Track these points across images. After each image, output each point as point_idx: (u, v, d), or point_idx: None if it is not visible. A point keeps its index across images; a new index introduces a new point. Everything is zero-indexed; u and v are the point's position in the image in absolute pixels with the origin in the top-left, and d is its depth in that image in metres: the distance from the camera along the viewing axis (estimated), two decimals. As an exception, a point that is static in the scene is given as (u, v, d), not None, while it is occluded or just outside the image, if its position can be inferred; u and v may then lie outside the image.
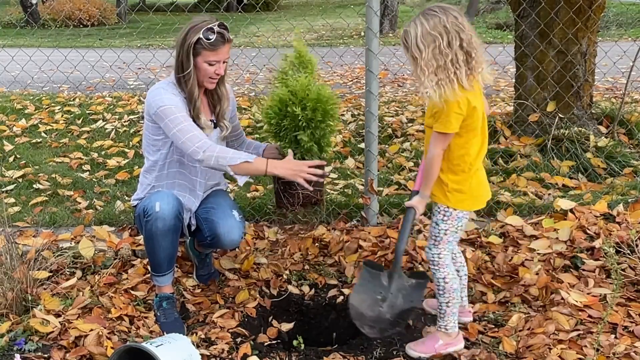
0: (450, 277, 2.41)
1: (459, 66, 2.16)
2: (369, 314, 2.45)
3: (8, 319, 2.61)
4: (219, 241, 2.72)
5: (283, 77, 2.62)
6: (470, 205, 2.41)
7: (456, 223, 2.39)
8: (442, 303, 2.44)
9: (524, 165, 4.15)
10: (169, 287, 2.73)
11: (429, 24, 2.14)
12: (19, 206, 3.84)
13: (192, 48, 2.56)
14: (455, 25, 2.14)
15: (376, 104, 3.34)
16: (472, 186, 2.36)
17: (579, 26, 4.27)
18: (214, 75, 2.62)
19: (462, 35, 2.15)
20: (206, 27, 2.54)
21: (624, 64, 5.76)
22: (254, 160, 2.46)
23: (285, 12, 19.80)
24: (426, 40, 2.15)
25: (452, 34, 2.14)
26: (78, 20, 15.22)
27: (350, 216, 3.56)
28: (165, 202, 2.53)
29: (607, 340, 2.38)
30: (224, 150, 2.51)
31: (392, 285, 2.46)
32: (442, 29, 2.13)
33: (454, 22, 2.15)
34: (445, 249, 2.41)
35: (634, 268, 2.85)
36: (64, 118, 5.67)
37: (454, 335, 2.46)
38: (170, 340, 2.32)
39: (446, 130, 2.22)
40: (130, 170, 4.42)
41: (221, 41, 2.57)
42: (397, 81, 7.61)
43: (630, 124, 4.64)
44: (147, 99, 2.64)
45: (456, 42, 2.14)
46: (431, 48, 2.14)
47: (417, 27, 2.17)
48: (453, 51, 2.14)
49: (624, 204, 3.45)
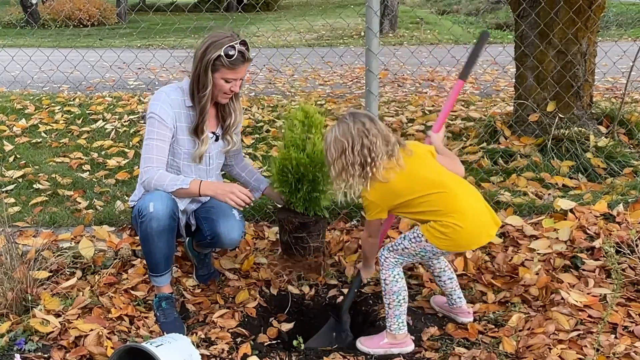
0: (390, 280, 2.45)
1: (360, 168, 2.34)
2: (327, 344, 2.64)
3: (8, 319, 2.61)
4: (219, 240, 2.72)
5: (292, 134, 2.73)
6: (444, 245, 2.37)
7: (419, 251, 2.41)
8: (385, 304, 2.50)
9: (524, 165, 4.15)
10: (167, 287, 2.73)
11: (339, 130, 2.37)
12: (19, 206, 3.84)
13: (212, 64, 2.56)
14: (362, 132, 2.33)
15: (376, 104, 3.34)
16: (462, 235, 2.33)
17: (578, 26, 4.26)
18: (229, 91, 2.63)
19: (365, 141, 2.33)
20: (228, 45, 2.53)
21: (624, 64, 5.76)
22: (189, 185, 2.54)
23: (285, 12, 19.80)
24: (337, 145, 2.36)
25: (355, 140, 2.33)
26: (78, 20, 15.22)
27: (350, 216, 3.56)
28: (160, 203, 2.53)
29: (607, 340, 2.38)
30: (162, 177, 2.57)
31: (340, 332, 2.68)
32: (349, 135, 2.34)
33: (361, 128, 2.34)
34: (394, 258, 2.46)
35: (634, 268, 2.85)
36: (64, 118, 5.67)
37: (400, 337, 2.48)
38: (170, 340, 2.32)
39: (368, 217, 2.46)
40: (130, 170, 4.42)
41: (241, 60, 2.57)
42: (397, 81, 7.61)
43: (630, 124, 4.64)
44: (150, 100, 2.67)
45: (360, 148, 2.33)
46: (339, 152, 2.35)
47: (330, 133, 2.40)
48: (357, 155, 2.33)
49: (624, 204, 3.45)
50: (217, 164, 2.86)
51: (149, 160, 2.59)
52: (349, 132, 2.34)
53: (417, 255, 2.44)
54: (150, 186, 2.58)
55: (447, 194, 2.34)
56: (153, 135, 2.60)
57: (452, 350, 2.45)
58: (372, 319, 2.77)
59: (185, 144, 2.68)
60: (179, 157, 2.70)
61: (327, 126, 2.78)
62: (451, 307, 2.67)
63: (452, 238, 2.33)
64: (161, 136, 2.60)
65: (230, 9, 18.10)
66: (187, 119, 2.67)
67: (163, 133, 2.61)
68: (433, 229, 2.35)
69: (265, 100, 6.27)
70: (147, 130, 2.62)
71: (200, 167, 2.77)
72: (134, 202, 2.78)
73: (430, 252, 2.41)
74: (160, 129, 2.60)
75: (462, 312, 2.65)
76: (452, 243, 2.36)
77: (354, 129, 2.34)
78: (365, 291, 2.91)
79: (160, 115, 2.60)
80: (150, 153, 2.59)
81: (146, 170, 2.58)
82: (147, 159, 2.59)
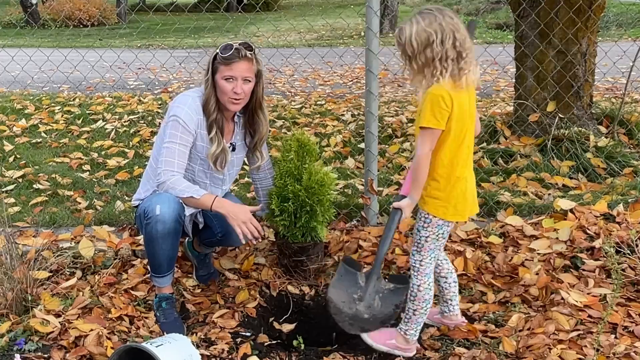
0: (424, 287, 2.39)
1: (446, 65, 2.16)
2: (346, 310, 2.46)
3: (8, 319, 2.61)
4: (229, 237, 2.74)
5: (287, 165, 2.78)
6: (449, 215, 2.33)
7: (436, 230, 2.35)
8: (409, 309, 2.43)
9: (524, 165, 4.15)
10: (168, 287, 2.73)
11: (424, 21, 2.15)
12: (19, 206, 3.84)
13: (212, 66, 2.59)
14: (451, 24, 2.15)
15: (376, 104, 3.34)
16: (452, 195, 2.30)
17: (578, 26, 4.26)
18: (233, 94, 2.59)
19: (457, 35, 2.15)
20: (225, 44, 2.57)
21: (624, 64, 5.76)
22: (201, 197, 2.53)
23: (285, 12, 19.79)
24: (420, 37, 2.15)
25: (447, 32, 2.14)
26: (78, 20, 15.20)
27: (350, 216, 3.56)
28: (166, 206, 2.53)
29: (607, 340, 2.38)
30: (178, 182, 2.56)
31: (369, 286, 2.45)
32: (437, 27, 2.14)
33: (450, 21, 2.15)
34: (428, 257, 2.38)
35: (634, 268, 2.85)
36: (64, 118, 5.67)
37: (410, 342, 2.45)
38: (170, 340, 2.32)
39: (429, 124, 2.17)
40: (130, 171, 4.42)
41: (236, 55, 2.56)
42: (397, 81, 7.61)
43: (630, 124, 4.64)
44: (172, 102, 2.67)
45: (449, 41, 2.14)
46: (424, 45, 2.15)
47: (412, 25, 2.17)
48: (444, 49, 2.14)
49: (624, 204, 3.45)
50: (234, 171, 2.88)
51: (170, 164, 2.57)
52: (437, 23, 2.13)
53: (439, 238, 2.37)
54: (163, 188, 2.57)
55: (460, 164, 2.27)
56: (176, 139, 2.59)
57: (452, 350, 2.45)
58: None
59: (203, 151, 2.68)
60: (195, 161, 2.70)
61: (321, 154, 2.78)
62: (444, 316, 2.60)
63: (448, 202, 2.28)
64: (184, 141, 2.60)
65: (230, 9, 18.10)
66: (198, 129, 2.66)
67: (186, 138, 2.60)
68: (430, 199, 2.29)
69: (265, 101, 6.26)
70: (170, 133, 2.59)
71: (216, 174, 2.77)
72: (138, 201, 2.77)
73: (443, 227, 2.34)
74: (183, 133, 2.59)
75: (457, 322, 2.58)
76: (452, 211, 2.30)
77: (444, 22, 2.14)
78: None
79: (184, 120, 2.59)
80: (172, 157, 2.58)
81: (165, 172, 2.56)
82: (169, 162, 2.57)
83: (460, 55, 2.17)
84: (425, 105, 2.18)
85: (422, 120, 2.19)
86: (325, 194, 2.77)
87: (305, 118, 5.57)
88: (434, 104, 2.16)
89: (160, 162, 2.59)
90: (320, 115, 5.67)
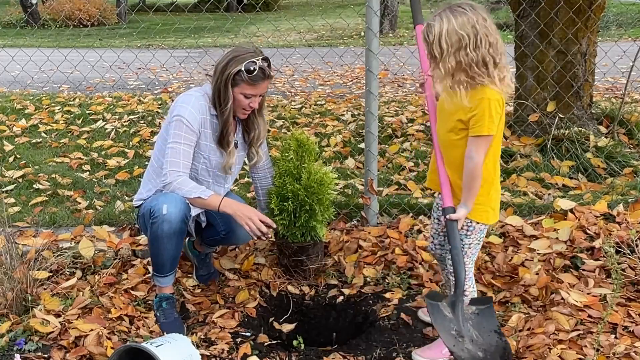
0: (470, 291, 2.37)
1: (484, 70, 2.04)
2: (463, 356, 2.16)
3: (8, 319, 2.61)
4: (233, 235, 2.75)
5: (287, 164, 2.80)
6: (491, 218, 2.30)
7: (479, 236, 2.32)
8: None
9: (524, 165, 4.15)
10: (169, 287, 2.73)
11: (457, 21, 2.01)
12: (19, 206, 3.84)
13: (232, 79, 2.57)
14: (484, 27, 2.02)
15: (376, 104, 3.34)
16: (491, 198, 2.28)
17: (578, 26, 4.27)
18: (248, 107, 2.64)
19: (490, 39, 2.03)
20: (249, 60, 2.55)
21: (624, 64, 5.76)
22: (208, 198, 2.55)
23: (285, 12, 19.81)
24: (451, 39, 2.02)
25: (481, 35, 2.01)
26: (78, 20, 15.21)
27: (350, 216, 3.56)
28: (173, 206, 2.53)
29: (607, 340, 2.38)
30: (185, 182, 2.57)
31: (458, 316, 2.21)
32: (471, 30, 2.01)
33: (483, 23, 2.02)
34: (470, 262, 2.37)
35: (634, 268, 2.85)
36: (64, 118, 5.66)
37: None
38: (170, 340, 2.32)
39: (490, 131, 2.08)
40: (130, 171, 4.42)
41: (262, 77, 2.58)
42: (397, 81, 7.61)
43: (630, 124, 4.64)
44: (175, 102, 2.67)
45: (484, 46, 2.02)
46: (455, 48, 2.02)
47: (442, 23, 2.02)
48: (480, 54, 2.02)
49: (624, 204, 3.45)
50: (236, 169, 2.88)
51: (175, 164, 2.58)
52: (471, 25, 1.99)
53: (480, 243, 2.34)
54: (170, 189, 2.57)
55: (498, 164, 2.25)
56: (180, 140, 2.59)
57: (452, 350, 2.44)
58: (372, 319, 2.76)
59: (206, 150, 2.69)
60: (198, 160, 2.70)
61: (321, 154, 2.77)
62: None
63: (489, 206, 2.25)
64: (188, 141, 2.60)
65: (230, 9, 18.10)
66: (211, 126, 2.68)
67: (190, 138, 2.61)
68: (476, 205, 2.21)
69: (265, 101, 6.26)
70: (174, 133, 2.59)
71: (219, 173, 2.77)
72: (140, 201, 2.77)
73: (484, 231, 2.30)
74: (187, 133, 2.60)
75: None
76: (492, 213, 2.27)
77: (477, 24, 1.99)
78: (365, 291, 2.91)
79: (188, 119, 2.59)
80: (177, 157, 2.58)
81: (171, 173, 2.57)
82: (174, 162, 2.58)
83: (494, 60, 2.05)
84: (483, 112, 2.07)
85: (484, 129, 2.09)
86: (324, 193, 2.78)
87: (305, 118, 5.57)
88: (493, 109, 2.07)
89: (165, 162, 2.59)
90: (320, 115, 5.67)
